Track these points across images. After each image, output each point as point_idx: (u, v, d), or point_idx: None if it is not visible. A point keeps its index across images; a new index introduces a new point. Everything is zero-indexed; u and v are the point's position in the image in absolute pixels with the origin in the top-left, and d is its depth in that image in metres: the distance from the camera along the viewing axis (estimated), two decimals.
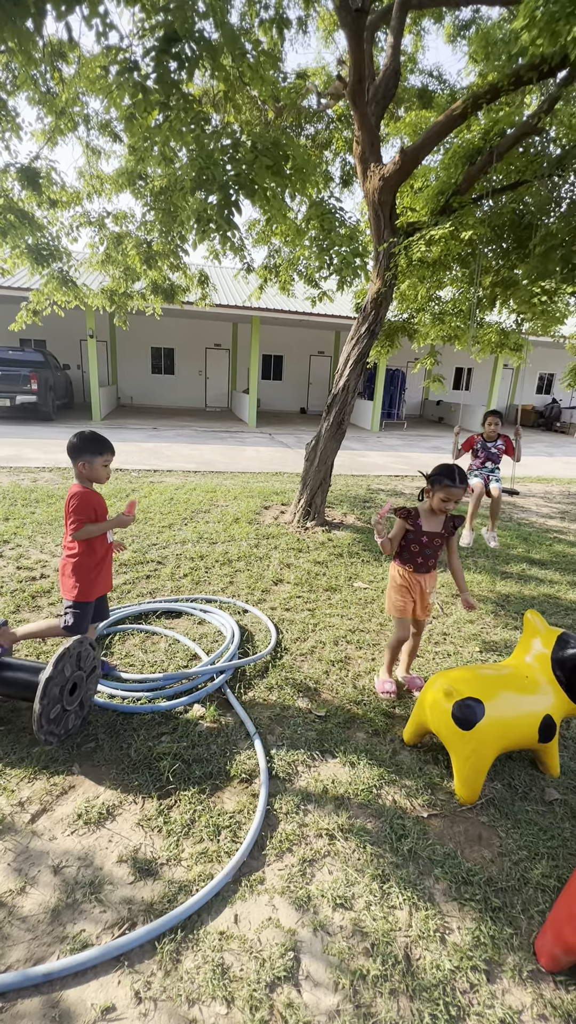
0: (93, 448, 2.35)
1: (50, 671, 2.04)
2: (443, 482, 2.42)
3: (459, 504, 2.46)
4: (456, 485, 2.40)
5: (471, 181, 4.58)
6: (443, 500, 2.44)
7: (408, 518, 2.52)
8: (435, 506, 2.48)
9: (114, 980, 1.40)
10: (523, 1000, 1.42)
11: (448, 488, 2.41)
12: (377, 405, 14.99)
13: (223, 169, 2.80)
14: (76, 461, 2.36)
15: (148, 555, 4.34)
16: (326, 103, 6.00)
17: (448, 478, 2.41)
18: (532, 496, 7.93)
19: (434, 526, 2.53)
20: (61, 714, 2.14)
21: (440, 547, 2.57)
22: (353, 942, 1.53)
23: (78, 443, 2.34)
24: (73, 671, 2.18)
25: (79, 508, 2.32)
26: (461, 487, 2.41)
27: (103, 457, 2.38)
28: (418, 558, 2.56)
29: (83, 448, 2.34)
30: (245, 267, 7.14)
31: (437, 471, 2.46)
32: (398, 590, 2.62)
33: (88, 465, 2.35)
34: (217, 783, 2.07)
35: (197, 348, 18.08)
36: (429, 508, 2.53)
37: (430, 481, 2.48)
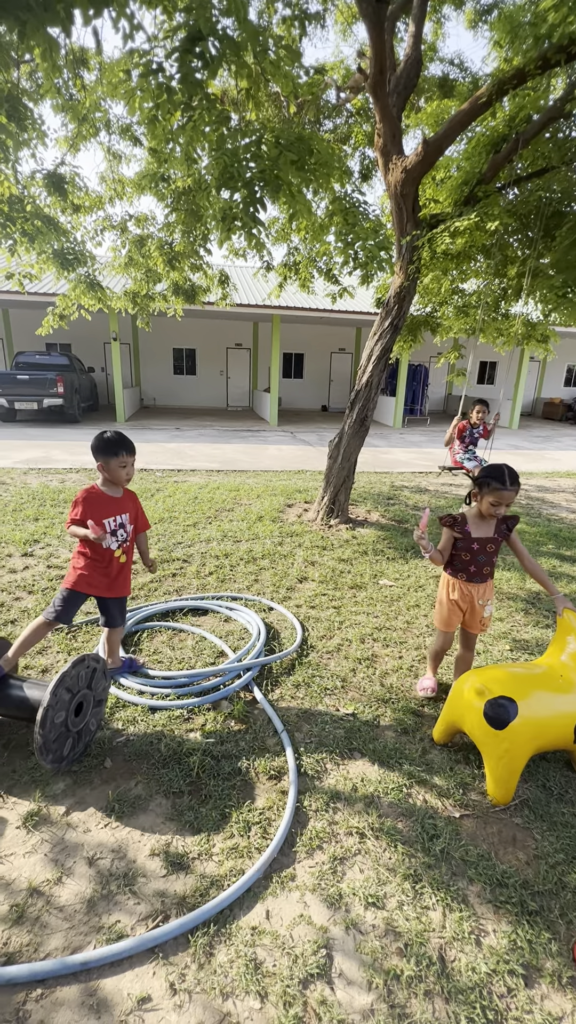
0: (108, 449, 2.34)
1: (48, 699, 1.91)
2: (492, 484, 2.24)
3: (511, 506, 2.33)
4: (507, 487, 2.22)
5: (496, 169, 4.48)
6: (493, 504, 2.26)
7: (454, 525, 2.36)
8: (484, 510, 2.31)
9: (149, 971, 1.42)
10: (563, 1007, 1.38)
11: (498, 491, 2.23)
12: (399, 401, 14.83)
13: (247, 167, 2.81)
14: (96, 461, 2.39)
15: (174, 553, 4.39)
16: (345, 97, 5.94)
17: (497, 480, 2.23)
18: (562, 492, 7.73)
19: (484, 531, 2.36)
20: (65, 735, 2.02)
21: (495, 553, 2.39)
22: (386, 942, 1.51)
23: (95, 444, 2.37)
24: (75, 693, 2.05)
25: (74, 503, 2.35)
26: (513, 489, 2.23)
27: (118, 458, 2.36)
28: (470, 567, 2.39)
29: (99, 448, 2.35)
30: (265, 265, 7.16)
31: (486, 473, 2.29)
32: (446, 602, 2.48)
33: (104, 466, 2.37)
34: (246, 779, 2.07)
35: (218, 348, 18.19)
36: (478, 513, 2.36)
37: (478, 484, 2.31)
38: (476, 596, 2.43)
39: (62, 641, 2.98)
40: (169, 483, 6.99)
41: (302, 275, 6.96)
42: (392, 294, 4.92)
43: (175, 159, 3.13)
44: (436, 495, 7.07)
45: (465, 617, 2.49)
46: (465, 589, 2.43)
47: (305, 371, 19.02)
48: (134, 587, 3.73)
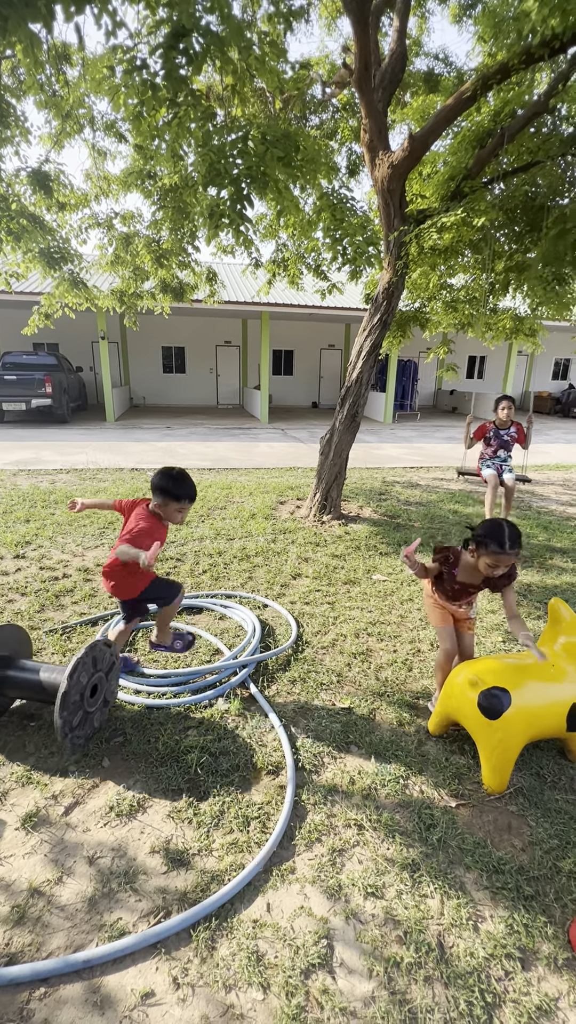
0: (174, 491, 2.26)
1: (66, 685, 2.02)
2: (491, 547, 2.07)
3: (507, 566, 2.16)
4: (506, 551, 2.05)
5: (482, 164, 4.50)
6: (490, 566, 2.12)
7: (445, 564, 2.28)
8: (481, 569, 2.17)
9: (152, 966, 1.43)
10: (559, 988, 1.41)
11: (496, 555, 2.07)
12: (389, 397, 14.87)
13: (233, 163, 2.80)
14: (153, 495, 2.31)
15: (167, 552, 4.38)
16: (331, 92, 5.93)
17: (497, 543, 2.06)
18: (551, 484, 7.81)
19: (472, 578, 2.25)
20: (84, 717, 2.16)
21: (475, 596, 2.36)
22: (385, 930, 1.54)
23: (162, 482, 2.26)
24: (91, 675, 2.18)
25: (139, 536, 2.19)
26: (512, 552, 2.07)
27: (179, 504, 2.29)
28: (449, 593, 2.35)
29: (166, 489, 2.26)
30: (253, 262, 7.14)
31: (484, 532, 2.11)
32: (433, 602, 2.43)
33: (163, 507, 2.30)
34: (244, 775, 2.09)
35: (207, 346, 18.11)
36: (473, 563, 2.22)
37: (476, 542, 2.15)
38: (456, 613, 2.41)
39: (56, 642, 2.97)
40: None
41: (291, 272, 6.95)
42: (380, 290, 4.93)
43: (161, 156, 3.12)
44: (427, 489, 7.12)
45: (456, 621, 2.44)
46: (447, 604, 2.39)
47: (295, 368, 19.00)
48: None
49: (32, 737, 2.25)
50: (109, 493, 6.26)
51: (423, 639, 3.16)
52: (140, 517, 2.30)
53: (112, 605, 3.45)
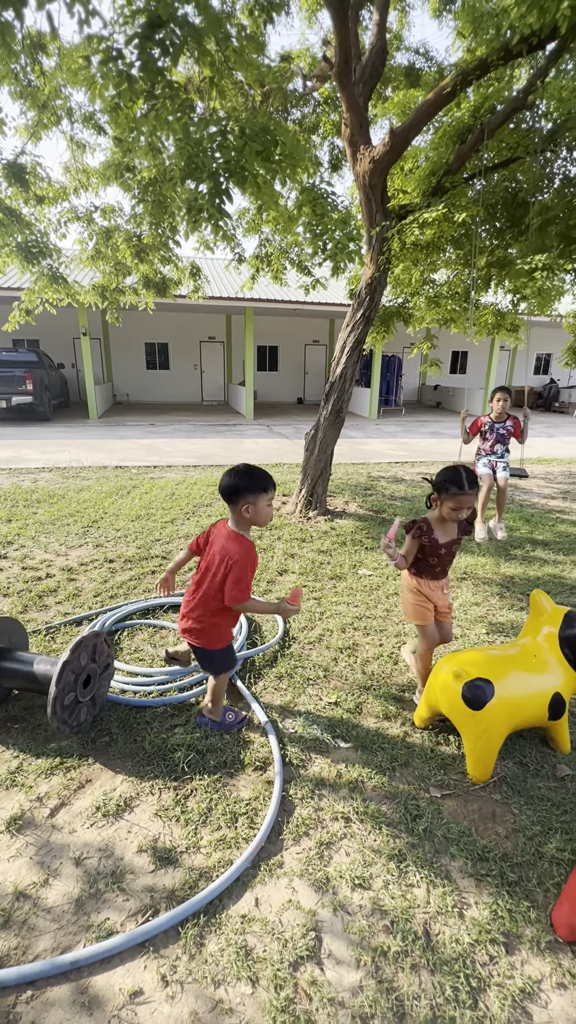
0: (257, 484, 1.91)
1: (67, 655, 2.08)
2: (451, 490, 2.18)
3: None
4: (466, 491, 2.16)
5: (462, 160, 4.52)
6: (453, 509, 2.21)
7: (421, 535, 2.29)
8: (446, 515, 2.26)
9: (140, 965, 1.43)
10: (542, 970, 1.44)
11: (457, 496, 2.17)
12: (374, 392, 14.93)
13: (212, 157, 2.77)
14: (238, 503, 1.92)
15: (152, 551, 4.35)
16: (312, 86, 5.90)
17: (456, 485, 2.17)
18: (534, 477, 7.92)
19: (448, 534, 2.32)
20: (75, 704, 2.17)
21: (456, 551, 2.41)
22: (373, 920, 1.55)
23: (238, 481, 1.91)
24: (88, 662, 2.21)
25: (246, 572, 1.90)
26: (472, 492, 2.17)
27: (268, 494, 1.95)
28: (436, 568, 2.38)
29: (245, 486, 1.91)
30: (236, 257, 7.09)
31: (443, 477, 2.21)
32: (416, 598, 2.42)
33: (253, 508, 1.93)
34: (232, 772, 2.09)
35: (191, 342, 17.97)
36: (439, 517, 2.30)
37: (437, 489, 2.25)
38: (440, 588, 2.44)
39: (40, 643, 2.93)
40: (145, 480, 6.91)
41: (274, 267, 6.92)
42: (363, 285, 4.93)
43: (139, 148, 3.07)
44: (412, 484, 7.16)
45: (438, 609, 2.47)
46: (431, 585, 2.41)
47: (280, 364, 18.96)
48: (112, 586, 3.70)
49: (16, 740, 2.22)
50: (93, 491, 6.19)
51: (408, 632, 3.19)
52: (234, 552, 1.94)
53: (97, 603, 3.42)
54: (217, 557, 2.00)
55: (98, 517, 5.19)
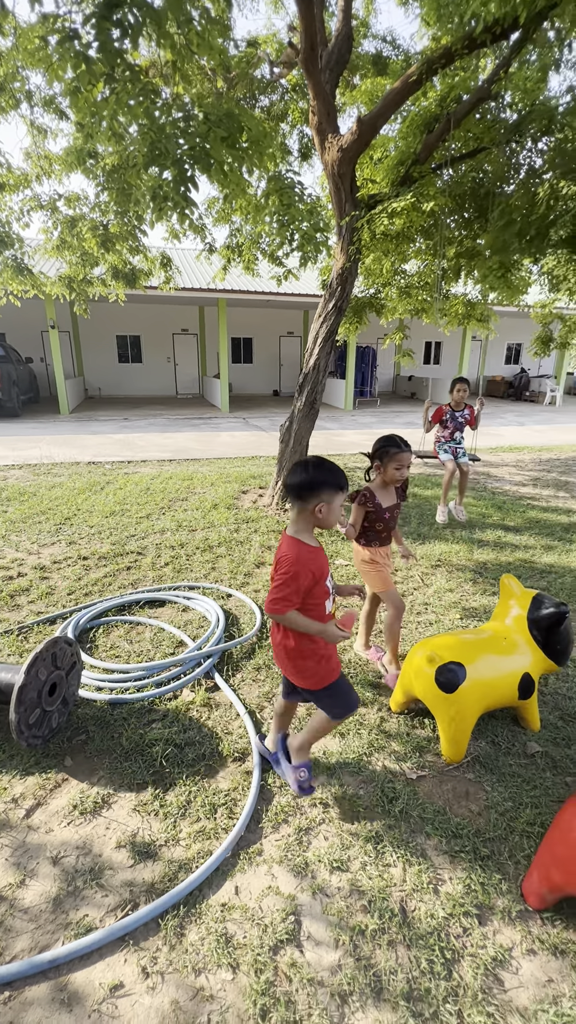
0: (335, 480, 1.65)
1: (23, 679, 2.00)
2: (391, 451, 2.43)
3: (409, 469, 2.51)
4: (404, 449, 2.43)
5: (430, 150, 4.54)
6: (397, 469, 2.44)
7: (366, 502, 2.50)
8: (389, 478, 2.48)
9: (120, 959, 1.43)
10: (513, 938, 1.50)
11: (398, 455, 2.42)
12: (349, 383, 14.96)
13: (176, 143, 2.71)
14: (311, 502, 1.65)
15: (127, 547, 4.29)
16: (279, 72, 5.82)
17: (394, 446, 2.43)
18: (505, 465, 8.08)
19: (390, 499, 2.56)
20: (42, 717, 2.12)
21: (398, 516, 2.62)
22: (351, 901, 1.59)
23: (316, 475, 1.63)
24: (50, 672, 2.15)
25: (290, 578, 1.61)
26: (408, 450, 2.44)
27: (344, 492, 1.70)
28: (383, 534, 2.58)
29: (323, 480, 1.64)
30: (207, 247, 6.99)
31: (381, 444, 2.47)
32: (374, 567, 2.58)
33: (327, 507, 1.66)
34: (211, 764, 2.09)
35: (164, 334, 17.67)
36: (381, 483, 2.54)
37: (377, 456, 2.48)
38: (387, 554, 2.63)
39: (12, 643, 2.88)
40: (119, 475, 6.80)
41: (245, 257, 6.85)
42: (335, 275, 4.92)
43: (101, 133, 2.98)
44: None
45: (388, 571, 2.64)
46: (382, 551, 2.59)
47: (255, 356, 18.82)
48: (86, 583, 3.64)
49: None
50: (65, 488, 6.07)
51: (383, 621, 3.23)
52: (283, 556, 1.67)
53: (71, 601, 3.37)
54: (274, 571, 1.70)
55: (71, 514, 5.09)
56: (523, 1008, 1.34)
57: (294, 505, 1.70)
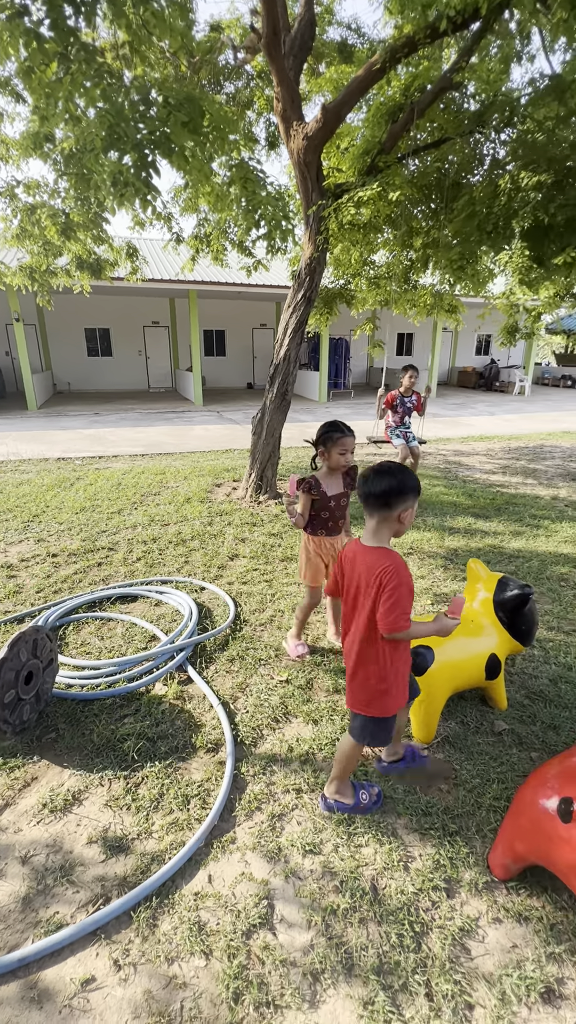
0: (416, 484, 1.60)
1: (5, 652, 1.99)
2: (335, 436, 2.43)
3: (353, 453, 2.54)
4: (347, 434, 2.44)
5: (395, 139, 4.54)
6: (341, 453, 2.45)
7: (312, 489, 2.51)
8: (333, 464, 2.49)
9: (92, 953, 1.42)
10: (479, 908, 1.55)
11: (342, 439, 2.43)
12: (323, 375, 14.97)
13: (136, 127, 2.65)
14: (396, 508, 1.58)
15: (98, 542, 4.22)
16: (243, 58, 5.73)
17: (337, 430, 2.44)
18: (475, 455, 8.23)
19: (336, 487, 2.55)
20: (16, 703, 2.09)
21: (346, 505, 2.62)
22: (323, 882, 1.61)
23: (404, 479, 1.57)
24: (29, 658, 2.13)
25: (406, 590, 1.54)
26: (351, 435, 2.46)
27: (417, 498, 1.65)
28: (329, 523, 2.59)
29: (412, 486, 1.58)
30: (175, 237, 6.87)
31: (324, 430, 2.47)
32: (310, 560, 2.64)
33: (411, 512, 1.62)
34: (184, 756, 2.09)
35: (134, 327, 17.33)
36: (327, 470, 2.54)
37: (321, 442, 2.47)
38: (337, 546, 2.63)
39: None
40: (90, 471, 6.67)
41: (214, 247, 6.75)
42: (303, 266, 4.90)
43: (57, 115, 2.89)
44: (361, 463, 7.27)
45: (329, 569, 2.65)
46: (326, 543, 2.60)
47: (227, 348, 18.64)
48: (55, 580, 3.57)
49: None
50: (34, 485, 5.92)
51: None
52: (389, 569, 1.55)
53: (40, 599, 3.29)
54: (363, 581, 1.60)
55: (39, 511, 4.98)
56: (488, 974, 1.38)
57: (376, 513, 1.61)
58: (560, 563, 3.94)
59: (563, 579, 3.68)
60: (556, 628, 3.06)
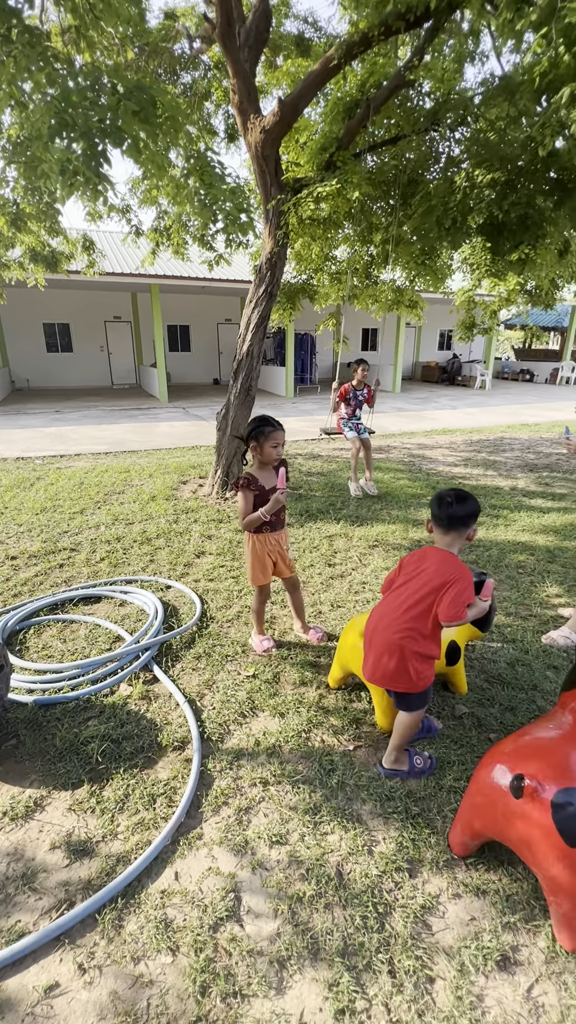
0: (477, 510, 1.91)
1: None
2: (265, 430, 2.44)
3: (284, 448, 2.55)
4: (277, 428, 2.46)
5: (352, 134, 4.56)
6: (274, 447, 2.46)
7: (249, 486, 2.48)
8: (266, 458, 2.48)
9: (55, 960, 1.40)
10: (440, 886, 1.60)
11: (272, 433, 2.44)
12: (289, 371, 14.97)
13: (85, 115, 2.57)
14: (469, 527, 1.88)
15: (60, 543, 4.12)
16: (199, 48, 5.64)
17: (267, 424, 2.45)
18: (439, 448, 8.42)
19: (271, 481, 2.53)
20: None
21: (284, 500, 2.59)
22: (290, 872, 1.63)
23: (476, 504, 1.89)
24: None
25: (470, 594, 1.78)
26: (281, 428, 2.48)
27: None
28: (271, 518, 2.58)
29: (478, 508, 1.90)
30: (133, 230, 6.72)
31: (254, 425, 2.47)
32: (258, 560, 2.61)
33: (476, 530, 1.95)
34: (150, 755, 2.07)
35: (95, 322, 16.89)
36: (259, 465, 2.53)
37: (253, 437, 2.46)
38: (282, 542, 2.65)
39: None
40: (51, 470, 6.48)
41: (174, 240, 6.64)
42: (264, 260, 4.89)
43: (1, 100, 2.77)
44: (328, 460, 7.34)
45: (277, 566, 2.67)
46: (271, 539, 2.61)
47: (192, 343, 18.40)
48: (15, 584, 3.47)
49: None
50: None
51: (323, 601, 3.30)
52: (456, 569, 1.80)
53: None
54: (429, 576, 1.81)
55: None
56: (448, 947, 1.43)
57: (453, 531, 1.88)
58: (518, 551, 4.09)
59: (520, 566, 3.82)
60: (514, 613, 3.17)
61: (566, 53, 2.53)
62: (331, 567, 3.78)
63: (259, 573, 2.65)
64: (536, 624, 3.05)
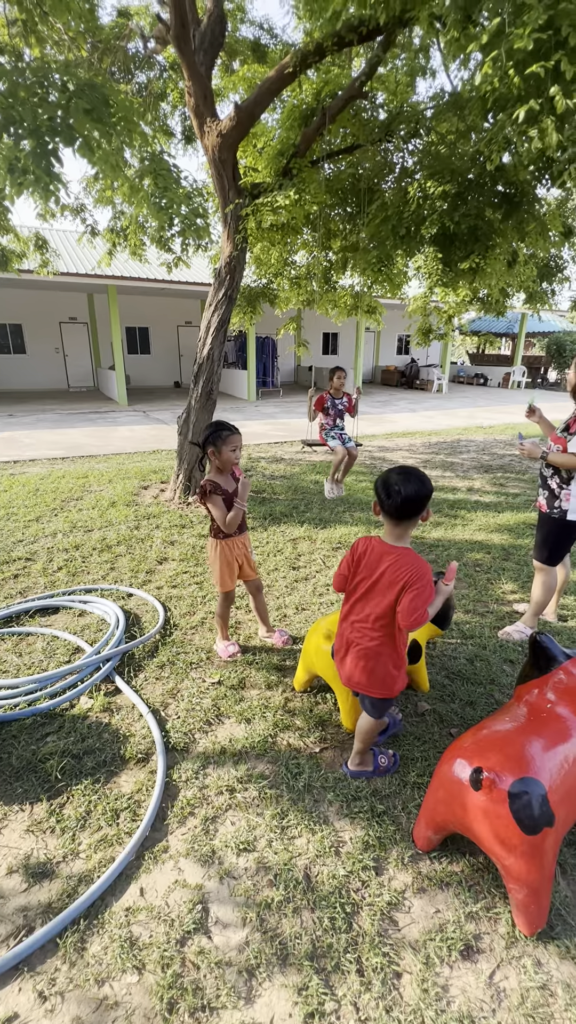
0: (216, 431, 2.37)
1: None
2: (223, 435, 2.46)
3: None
4: (234, 432, 2.49)
5: (308, 142, 4.62)
6: (232, 450, 2.48)
7: (215, 492, 2.48)
8: (224, 461, 2.48)
9: (14, 989, 1.34)
10: (405, 881, 1.63)
11: (230, 437, 2.46)
12: (251, 374, 14.96)
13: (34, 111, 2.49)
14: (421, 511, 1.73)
15: (13, 553, 3.96)
16: (153, 48, 5.58)
17: (225, 429, 2.47)
18: (399, 450, 8.60)
19: (230, 484, 2.54)
20: None
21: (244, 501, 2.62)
22: (257, 879, 1.62)
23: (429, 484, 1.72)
24: None
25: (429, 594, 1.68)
26: (237, 431, 2.51)
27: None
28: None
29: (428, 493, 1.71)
30: (89, 230, 6.57)
31: (211, 430, 2.48)
32: (226, 564, 2.61)
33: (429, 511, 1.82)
34: (112, 769, 2.02)
35: (50, 323, 16.35)
36: (217, 470, 2.53)
37: (211, 442, 2.46)
38: (246, 544, 2.69)
39: None
40: (3, 476, 6.23)
41: (132, 241, 6.53)
42: (223, 264, 4.87)
43: None
44: (291, 463, 7.37)
45: (242, 569, 2.69)
46: (238, 543, 2.64)
47: (152, 346, 18.10)
48: None
49: None
50: None
51: (288, 604, 3.31)
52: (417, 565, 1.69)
53: None
54: (386, 579, 1.72)
55: None
56: (414, 941, 1.46)
57: (405, 520, 1.72)
58: (475, 550, 4.23)
59: (478, 564, 3.95)
60: (472, 611, 3.28)
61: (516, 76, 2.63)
62: (295, 570, 3.79)
63: (227, 578, 2.64)
64: (493, 620, 3.16)
